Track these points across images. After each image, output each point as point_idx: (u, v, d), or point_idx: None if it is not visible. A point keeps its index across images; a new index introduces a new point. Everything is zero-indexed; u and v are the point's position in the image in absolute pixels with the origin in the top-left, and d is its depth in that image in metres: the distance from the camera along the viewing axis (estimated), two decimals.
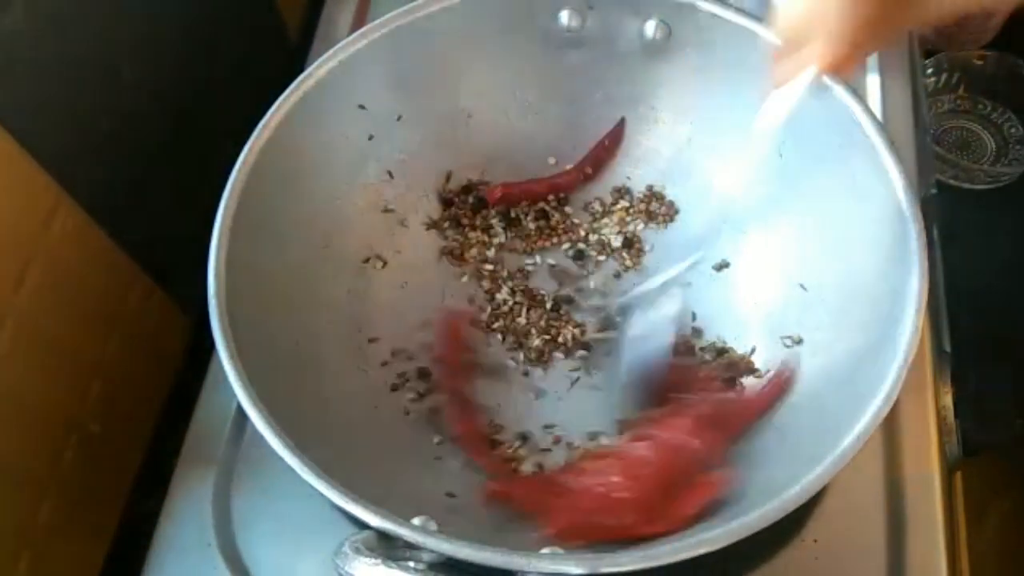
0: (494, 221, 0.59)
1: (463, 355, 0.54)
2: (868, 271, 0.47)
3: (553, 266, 0.57)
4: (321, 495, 0.39)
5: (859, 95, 0.48)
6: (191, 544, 0.48)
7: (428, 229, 0.58)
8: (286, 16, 0.77)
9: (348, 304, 0.53)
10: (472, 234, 0.58)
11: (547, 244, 0.58)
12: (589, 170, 0.59)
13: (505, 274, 0.57)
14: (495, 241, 0.58)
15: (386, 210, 0.57)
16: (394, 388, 0.52)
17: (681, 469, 0.44)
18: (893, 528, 0.46)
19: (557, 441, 0.51)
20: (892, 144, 0.46)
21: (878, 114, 0.56)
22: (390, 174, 0.56)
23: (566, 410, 0.52)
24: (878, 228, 0.46)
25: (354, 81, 0.52)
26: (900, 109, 0.60)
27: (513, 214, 0.59)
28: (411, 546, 0.38)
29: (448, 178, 0.59)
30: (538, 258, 0.58)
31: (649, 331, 0.51)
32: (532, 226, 0.59)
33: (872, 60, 0.61)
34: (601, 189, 0.60)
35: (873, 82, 0.60)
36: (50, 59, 0.50)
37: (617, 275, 0.57)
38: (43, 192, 0.51)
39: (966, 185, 0.77)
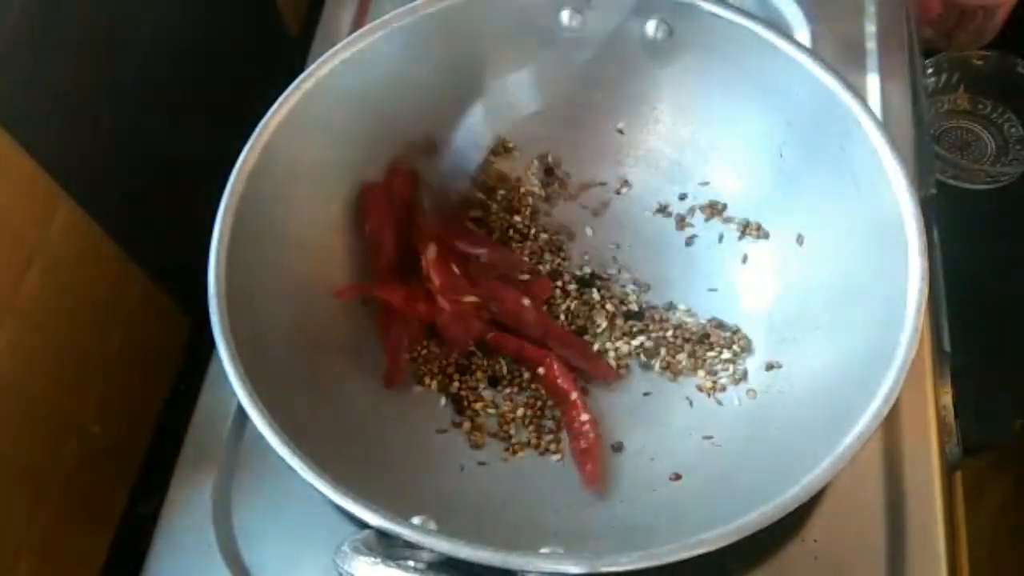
0: None
1: None
2: (868, 271, 0.47)
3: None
4: (321, 495, 0.39)
5: (859, 95, 0.48)
6: (191, 544, 0.48)
7: None
8: (287, 16, 0.77)
9: (348, 304, 0.53)
10: None
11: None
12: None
13: None
14: None
15: None
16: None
17: None
18: (893, 528, 0.46)
19: None
20: (892, 144, 0.46)
21: (878, 114, 0.56)
22: None
23: None
24: (878, 228, 0.46)
25: (355, 81, 0.52)
26: (900, 109, 0.59)
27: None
28: (411, 545, 0.38)
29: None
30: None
31: None
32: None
33: (872, 60, 0.61)
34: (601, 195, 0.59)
35: (873, 82, 0.60)
36: (49, 59, 0.50)
37: None
38: (43, 192, 0.51)
39: (966, 185, 0.76)
